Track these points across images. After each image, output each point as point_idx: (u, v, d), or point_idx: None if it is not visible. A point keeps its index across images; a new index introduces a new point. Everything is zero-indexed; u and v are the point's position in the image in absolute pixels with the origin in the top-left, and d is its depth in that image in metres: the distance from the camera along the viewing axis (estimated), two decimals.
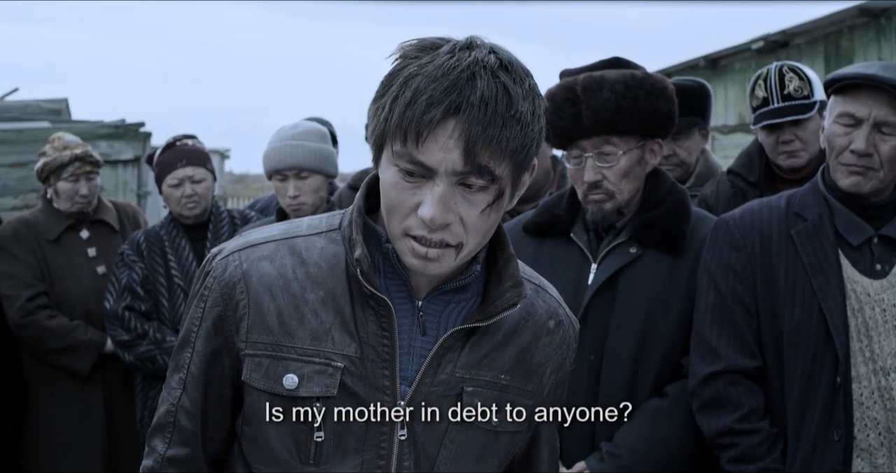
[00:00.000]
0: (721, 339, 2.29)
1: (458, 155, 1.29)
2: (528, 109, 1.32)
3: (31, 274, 3.99)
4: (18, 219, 4.15)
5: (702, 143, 3.67)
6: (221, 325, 1.44)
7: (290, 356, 1.41)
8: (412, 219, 1.33)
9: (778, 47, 9.53)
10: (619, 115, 2.41)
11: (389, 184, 1.35)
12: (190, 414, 1.47)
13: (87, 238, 4.12)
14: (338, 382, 1.40)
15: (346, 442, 1.41)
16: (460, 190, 1.32)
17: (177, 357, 1.49)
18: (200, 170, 3.82)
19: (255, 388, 1.42)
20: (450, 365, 1.44)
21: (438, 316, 1.45)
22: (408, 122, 1.28)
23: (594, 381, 2.42)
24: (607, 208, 2.47)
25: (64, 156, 4.04)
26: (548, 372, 1.54)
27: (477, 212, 1.33)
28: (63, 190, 4.05)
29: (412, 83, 1.29)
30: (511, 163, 1.33)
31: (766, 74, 3.13)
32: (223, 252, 1.48)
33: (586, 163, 2.46)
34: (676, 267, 2.45)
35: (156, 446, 1.50)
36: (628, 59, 2.53)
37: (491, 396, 1.46)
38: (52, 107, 11.96)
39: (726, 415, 2.26)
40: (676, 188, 2.55)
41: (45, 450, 4.00)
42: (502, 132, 1.29)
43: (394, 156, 1.33)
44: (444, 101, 1.27)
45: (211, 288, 1.45)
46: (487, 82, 1.29)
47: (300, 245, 1.46)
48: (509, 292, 1.44)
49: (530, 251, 2.59)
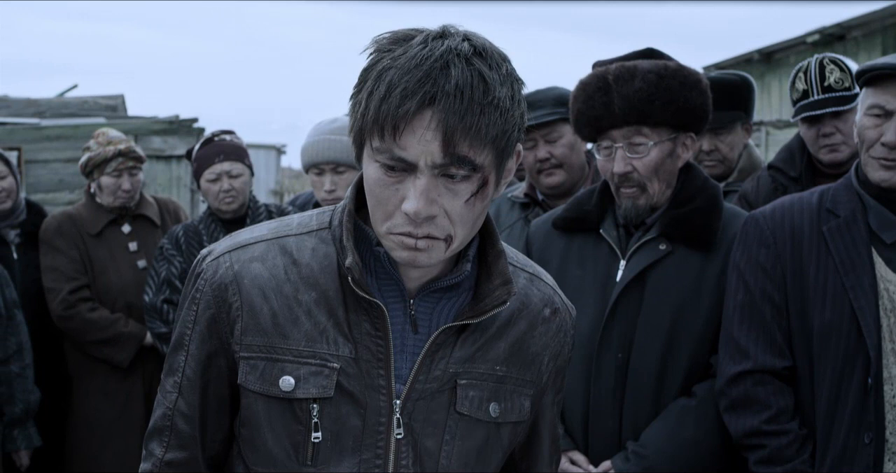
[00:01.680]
0: (750, 338, 2.23)
1: (436, 146, 1.26)
2: (506, 95, 1.29)
3: (73, 268, 4.05)
4: (62, 213, 4.21)
5: (745, 138, 3.59)
6: (215, 327, 1.43)
7: (285, 358, 1.40)
8: (397, 216, 1.31)
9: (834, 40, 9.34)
10: (650, 105, 2.37)
11: (372, 182, 1.33)
12: (187, 418, 1.46)
13: (128, 232, 4.17)
14: (334, 383, 1.39)
15: (344, 442, 1.40)
16: (443, 181, 1.30)
17: (171, 360, 1.48)
18: (238, 166, 3.83)
19: (252, 390, 1.41)
20: (443, 361, 1.42)
21: (430, 314, 1.43)
22: (384, 117, 1.26)
23: (621, 380, 2.38)
24: (641, 203, 2.42)
25: (108, 151, 4.09)
26: (546, 361, 1.52)
27: (461, 202, 1.31)
28: (106, 184, 4.10)
29: (386, 76, 1.27)
30: (493, 151, 1.30)
31: (807, 67, 3.05)
32: (213, 253, 1.46)
33: (616, 154, 2.42)
34: (707, 264, 2.40)
35: (153, 450, 1.48)
36: (662, 51, 2.49)
37: (487, 388, 1.45)
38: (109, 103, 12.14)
39: (754, 416, 2.21)
40: (709, 184, 2.50)
41: (87, 440, 4.06)
42: (480, 120, 1.26)
43: (374, 152, 1.31)
44: (418, 92, 1.25)
45: (203, 290, 1.44)
46: (462, 70, 1.26)
47: (291, 245, 1.44)
48: (499, 290, 1.42)
49: (560, 247, 2.56)
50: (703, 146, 3.41)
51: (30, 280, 4.10)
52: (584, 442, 2.43)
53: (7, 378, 3.68)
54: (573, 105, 2.49)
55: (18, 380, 3.71)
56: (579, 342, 2.42)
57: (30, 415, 3.77)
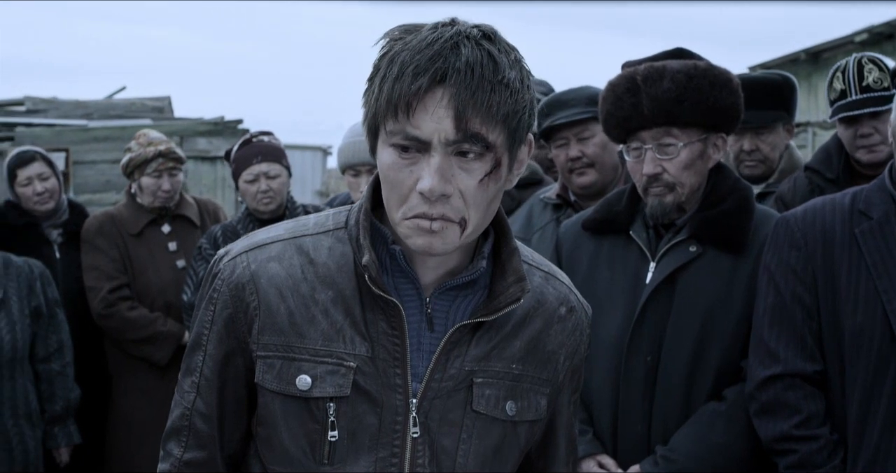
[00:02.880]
0: (780, 341, 2.20)
1: (449, 123, 1.28)
2: (515, 77, 1.32)
3: (114, 267, 4.10)
4: (103, 214, 4.26)
5: (786, 139, 3.55)
6: (233, 327, 1.44)
7: (302, 357, 1.40)
8: (412, 198, 1.32)
9: (883, 39, 9.19)
10: (679, 106, 2.34)
11: (387, 167, 1.34)
12: (205, 417, 1.46)
13: (168, 232, 4.22)
14: (350, 382, 1.39)
15: (360, 441, 1.40)
16: (456, 160, 1.32)
17: (188, 360, 1.49)
18: (275, 166, 3.86)
19: (269, 390, 1.42)
20: (458, 359, 1.42)
21: (446, 312, 1.44)
22: (397, 96, 1.29)
23: (650, 383, 2.36)
24: (667, 202, 2.40)
25: (148, 152, 4.15)
26: (562, 359, 1.52)
27: (475, 181, 1.32)
28: (146, 185, 4.15)
29: (397, 59, 1.31)
30: (504, 130, 1.32)
31: (845, 66, 3.00)
32: (230, 253, 1.47)
33: (646, 155, 2.40)
34: (738, 266, 2.37)
35: (171, 450, 1.49)
36: (691, 51, 2.47)
37: (503, 386, 1.45)
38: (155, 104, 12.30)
39: (784, 420, 2.17)
40: (740, 184, 2.47)
41: (125, 438, 4.11)
42: (491, 97, 1.28)
43: (388, 135, 1.33)
44: (429, 69, 1.28)
45: (220, 290, 1.45)
46: (472, 49, 1.29)
47: (308, 244, 1.45)
48: (513, 287, 1.43)
49: (589, 249, 2.55)
50: (745, 146, 3.38)
51: (71, 279, 4.16)
52: (613, 446, 2.41)
53: (48, 375, 3.74)
54: (602, 106, 2.47)
55: (59, 378, 3.76)
56: (608, 344, 2.42)
57: (70, 413, 3.83)
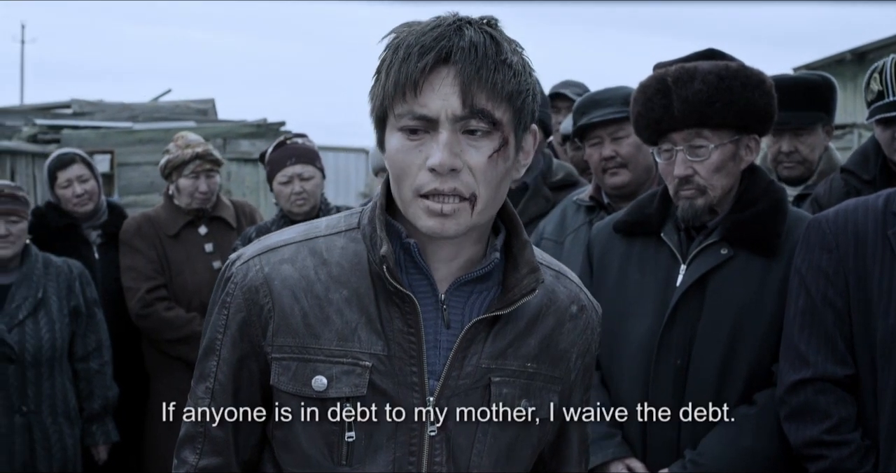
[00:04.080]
0: (811, 345, 2.17)
1: (456, 99, 1.32)
2: (518, 61, 1.36)
3: (151, 268, 4.15)
4: (142, 215, 4.32)
5: (826, 140, 3.50)
6: (247, 330, 1.44)
7: (317, 357, 1.41)
8: (422, 175, 1.35)
9: None
10: (711, 107, 2.32)
11: (395, 151, 1.37)
12: (221, 422, 1.46)
13: (204, 234, 4.25)
14: (367, 381, 1.39)
15: (377, 441, 1.40)
16: (465, 138, 1.35)
17: (201, 366, 1.49)
18: (309, 168, 3.88)
19: (284, 392, 1.42)
20: (475, 356, 1.43)
21: (462, 309, 1.44)
22: (404, 77, 1.33)
23: (680, 387, 2.34)
24: (698, 204, 2.38)
25: (185, 153, 4.19)
26: (573, 358, 1.52)
27: (484, 157, 1.35)
28: (183, 186, 4.19)
29: (402, 44, 1.35)
30: (510, 109, 1.36)
31: (882, 67, 2.96)
32: (242, 257, 1.48)
33: (676, 157, 2.38)
34: (770, 269, 2.34)
35: (186, 457, 1.48)
36: (723, 52, 2.44)
37: (519, 385, 1.45)
38: (200, 107, 12.43)
39: (814, 425, 2.14)
40: (773, 187, 2.44)
41: (163, 437, 4.14)
42: (495, 75, 1.33)
43: (396, 118, 1.36)
44: (434, 48, 1.32)
45: (233, 294, 1.45)
46: (475, 31, 1.34)
47: (320, 245, 1.45)
48: (527, 278, 1.43)
49: (620, 251, 2.53)
50: (783, 147, 3.34)
51: (110, 279, 4.20)
52: (642, 449, 2.39)
53: (87, 374, 3.79)
54: (633, 108, 2.46)
55: (97, 377, 3.81)
56: (638, 347, 2.40)
57: (108, 411, 3.87)
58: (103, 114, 10.97)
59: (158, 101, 12.88)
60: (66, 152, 4.37)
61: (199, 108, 12.24)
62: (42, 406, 3.62)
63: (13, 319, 3.61)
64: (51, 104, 11.40)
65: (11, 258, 3.68)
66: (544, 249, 3.28)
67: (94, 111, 10.93)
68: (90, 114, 10.76)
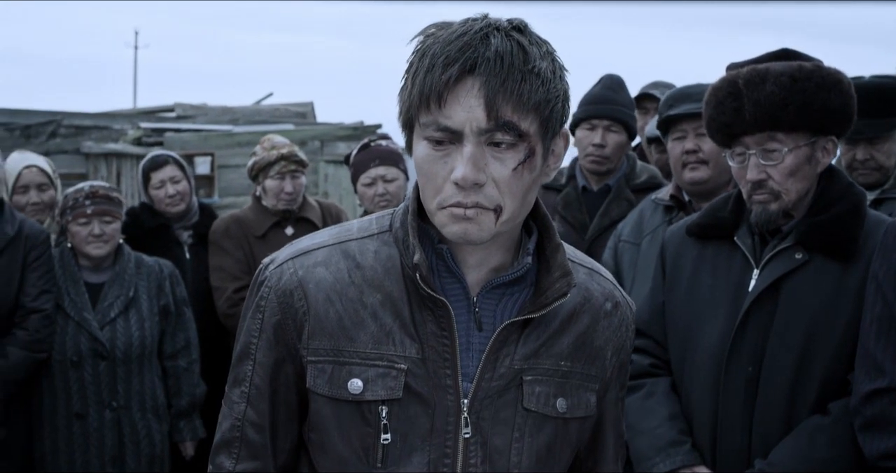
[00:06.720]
0: (887, 353, 2.09)
1: (480, 112, 1.30)
2: (547, 67, 1.33)
3: (238, 268, 4.23)
4: (230, 216, 4.40)
5: None
6: (282, 334, 1.45)
7: (352, 360, 1.41)
8: (447, 188, 1.34)
9: None
10: (783, 110, 2.26)
11: (421, 159, 1.36)
12: (257, 427, 1.46)
13: (291, 234, 4.31)
14: (402, 384, 1.40)
15: (412, 443, 1.41)
16: (490, 150, 1.33)
17: (236, 370, 1.49)
18: (392, 170, 3.92)
19: (320, 395, 1.43)
20: (507, 358, 1.42)
21: (493, 311, 1.44)
22: (429, 88, 1.31)
23: (751, 395, 2.28)
24: (772, 209, 2.32)
25: (271, 155, 4.26)
26: (609, 355, 1.51)
27: (509, 170, 1.33)
28: (270, 187, 4.27)
29: (428, 52, 1.33)
30: (537, 119, 1.33)
31: None
32: (276, 261, 1.48)
33: (749, 161, 2.32)
34: (846, 275, 2.26)
35: (222, 463, 1.48)
36: (799, 51, 2.37)
37: (553, 383, 1.44)
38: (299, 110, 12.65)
39: (890, 437, 2.06)
40: (853, 190, 2.36)
41: None
42: (522, 86, 1.30)
43: (421, 128, 1.35)
44: (459, 59, 1.29)
45: (268, 298, 1.46)
46: (501, 40, 1.31)
47: (353, 248, 1.46)
48: (559, 282, 1.42)
49: (693, 254, 2.48)
50: (858, 155, 3.22)
51: (200, 279, 4.30)
52: (712, 458, 2.34)
53: (175, 372, 3.89)
54: (705, 110, 2.41)
55: (186, 374, 3.91)
56: (708, 353, 2.35)
57: (195, 408, 3.96)
58: (205, 117, 11.26)
59: (259, 105, 13.15)
60: (160, 154, 4.49)
61: (297, 111, 12.46)
62: (131, 402, 3.72)
63: (105, 317, 3.73)
64: (156, 108, 11.74)
65: (105, 257, 3.80)
66: (622, 252, 3.25)
67: (196, 114, 11.22)
68: (193, 118, 11.05)
